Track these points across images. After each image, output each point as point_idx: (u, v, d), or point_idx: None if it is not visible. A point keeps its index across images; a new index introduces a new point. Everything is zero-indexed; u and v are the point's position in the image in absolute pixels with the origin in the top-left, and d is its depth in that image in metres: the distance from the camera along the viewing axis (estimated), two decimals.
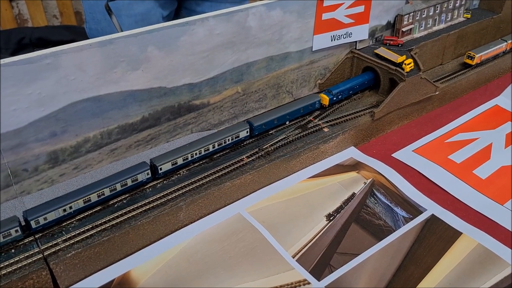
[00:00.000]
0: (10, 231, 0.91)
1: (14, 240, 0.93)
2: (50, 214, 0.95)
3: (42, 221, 0.94)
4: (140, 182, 1.05)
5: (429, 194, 1.18)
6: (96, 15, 1.98)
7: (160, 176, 1.09)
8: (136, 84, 1.06)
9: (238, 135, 1.20)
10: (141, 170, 1.05)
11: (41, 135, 0.97)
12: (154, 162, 1.07)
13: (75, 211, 0.99)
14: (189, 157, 1.12)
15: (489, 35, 1.77)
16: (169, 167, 1.09)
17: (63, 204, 0.96)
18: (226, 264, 0.99)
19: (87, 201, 0.99)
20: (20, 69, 0.89)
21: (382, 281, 0.96)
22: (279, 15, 1.23)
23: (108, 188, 1.01)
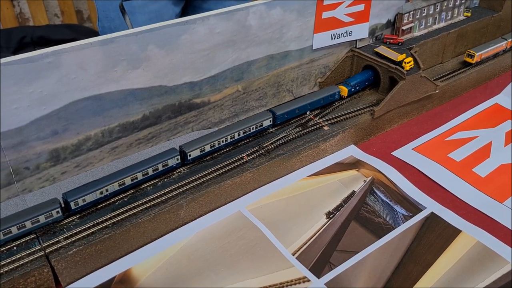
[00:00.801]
0: (51, 212, 0.96)
1: (55, 221, 0.97)
2: (88, 196, 0.99)
3: (81, 202, 0.99)
4: (170, 167, 1.10)
5: (429, 192, 1.19)
6: (110, 13, 1.99)
7: (188, 162, 1.13)
8: (136, 83, 1.06)
9: (262, 123, 1.24)
10: (172, 156, 1.10)
11: (42, 134, 0.98)
12: (183, 148, 1.12)
13: (110, 193, 1.03)
14: (216, 144, 1.16)
15: (489, 34, 1.77)
16: (197, 154, 1.13)
17: (100, 187, 1.01)
18: (226, 262, 0.99)
19: (122, 184, 1.04)
20: (22, 67, 0.89)
21: (382, 278, 0.97)
22: (279, 14, 1.23)
23: (141, 173, 1.06)
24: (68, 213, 1.00)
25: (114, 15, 1.96)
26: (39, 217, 0.95)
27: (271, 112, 1.27)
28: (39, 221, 0.95)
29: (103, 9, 2.02)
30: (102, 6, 2.02)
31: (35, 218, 0.94)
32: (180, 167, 1.13)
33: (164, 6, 1.93)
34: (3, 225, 0.92)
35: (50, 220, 0.96)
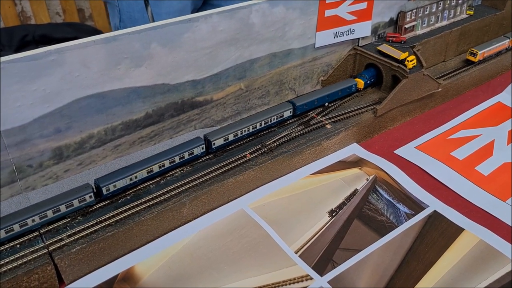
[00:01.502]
0: (85, 196, 0.99)
1: (87, 206, 1.00)
2: (119, 182, 1.03)
3: (112, 188, 1.02)
4: (196, 155, 1.14)
5: (431, 190, 1.19)
6: (134, 14, 2.00)
7: (212, 150, 1.16)
8: (139, 81, 1.06)
9: (283, 114, 1.27)
10: (197, 144, 1.13)
11: (45, 131, 0.98)
12: (208, 137, 1.15)
13: (139, 180, 1.06)
14: (239, 134, 1.20)
15: (492, 32, 1.77)
16: (221, 143, 1.17)
17: (130, 173, 1.04)
18: (229, 260, 0.99)
19: (150, 171, 1.07)
20: (25, 65, 0.89)
21: (384, 276, 0.97)
22: (282, 12, 1.23)
23: (168, 160, 1.09)
24: (100, 198, 1.03)
25: (139, 16, 1.97)
26: (73, 201, 0.98)
27: (291, 103, 1.30)
28: (73, 205, 0.98)
29: (128, 10, 2.02)
30: (126, 7, 2.03)
31: (69, 202, 0.97)
32: (205, 155, 1.16)
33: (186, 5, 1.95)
34: (38, 209, 0.94)
35: (83, 205, 0.99)
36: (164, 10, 1.93)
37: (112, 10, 2.14)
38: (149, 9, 1.79)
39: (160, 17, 1.88)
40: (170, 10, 1.93)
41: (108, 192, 1.02)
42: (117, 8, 2.07)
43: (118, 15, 2.08)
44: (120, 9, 2.07)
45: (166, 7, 1.93)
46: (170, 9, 1.93)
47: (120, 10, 2.07)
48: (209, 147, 1.16)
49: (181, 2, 1.94)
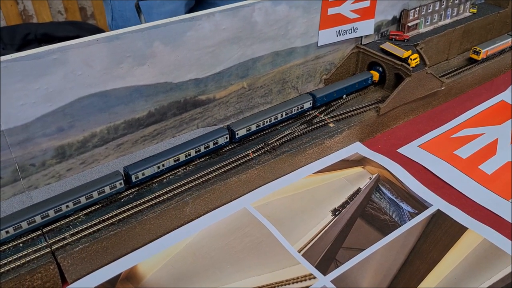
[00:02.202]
0: (115, 183, 1.02)
1: (117, 192, 1.03)
2: (147, 170, 1.06)
3: (140, 176, 1.05)
4: (220, 145, 1.17)
5: (435, 189, 1.18)
6: (126, 13, 2.00)
7: (236, 140, 1.20)
8: (142, 79, 1.06)
9: (303, 106, 1.31)
10: (221, 134, 1.16)
11: (48, 130, 0.98)
12: (231, 127, 1.19)
13: (166, 168, 1.09)
14: (261, 124, 1.23)
15: (495, 30, 1.76)
16: (244, 133, 1.21)
17: (157, 161, 1.07)
18: (232, 259, 0.99)
19: (177, 160, 1.10)
20: (28, 64, 0.89)
21: (388, 276, 0.97)
22: (284, 10, 1.23)
23: (193, 150, 1.12)
24: (129, 186, 1.05)
25: (130, 15, 1.97)
26: (104, 188, 1.01)
27: (311, 95, 1.33)
28: (104, 192, 1.01)
29: (119, 9, 2.02)
30: (118, 6, 2.03)
31: (101, 188, 1.00)
32: (228, 145, 1.20)
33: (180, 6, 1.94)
34: (72, 196, 0.98)
35: (114, 191, 1.02)
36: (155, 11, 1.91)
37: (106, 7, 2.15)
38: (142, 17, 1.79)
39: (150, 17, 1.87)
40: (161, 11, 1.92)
41: (137, 180, 1.05)
42: (110, 7, 2.07)
43: (111, 13, 2.09)
44: (112, 8, 2.07)
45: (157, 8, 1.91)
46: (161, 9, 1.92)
47: (112, 9, 2.07)
48: (233, 137, 1.19)
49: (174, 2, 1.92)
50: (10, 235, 0.92)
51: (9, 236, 0.92)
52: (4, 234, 0.91)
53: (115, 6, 2.04)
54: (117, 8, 2.03)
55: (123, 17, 2.03)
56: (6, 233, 0.91)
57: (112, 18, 2.08)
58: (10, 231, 0.91)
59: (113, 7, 2.06)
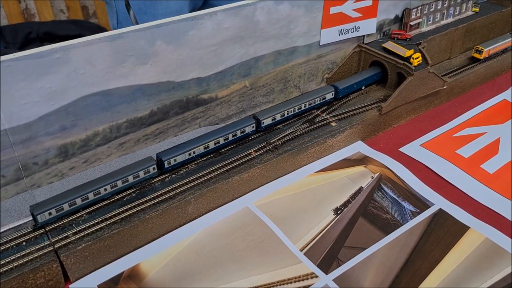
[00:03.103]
0: (149, 168, 1.06)
1: (151, 177, 1.08)
2: (179, 156, 1.10)
3: (172, 162, 1.09)
4: (247, 133, 1.22)
5: (437, 188, 1.19)
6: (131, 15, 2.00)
7: (261, 129, 1.24)
8: (144, 78, 1.06)
9: (325, 97, 1.35)
10: (248, 123, 1.21)
11: (51, 129, 0.98)
12: (258, 117, 1.23)
13: (197, 155, 1.14)
14: (285, 114, 1.27)
15: (498, 29, 1.76)
16: (270, 122, 1.25)
17: (189, 148, 1.12)
18: (234, 257, 0.99)
19: (206, 147, 1.15)
20: (30, 63, 0.89)
21: (390, 274, 0.97)
22: (287, 9, 1.23)
23: (222, 138, 1.17)
24: (161, 171, 1.09)
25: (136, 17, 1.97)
26: (139, 172, 1.05)
27: (333, 87, 1.36)
28: (139, 176, 1.05)
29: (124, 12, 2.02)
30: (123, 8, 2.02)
31: (136, 173, 1.04)
32: (255, 133, 1.24)
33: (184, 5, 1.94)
34: (109, 180, 1.02)
35: (147, 176, 1.07)
36: (160, 11, 1.92)
37: (110, 10, 2.14)
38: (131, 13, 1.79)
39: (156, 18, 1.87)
40: (167, 11, 1.93)
41: (169, 166, 1.09)
42: (115, 9, 2.07)
43: (116, 16, 2.08)
44: (117, 10, 2.07)
45: (162, 8, 1.92)
46: (167, 10, 1.93)
47: (117, 11, 2.07)
48: (258, 126, 1.24)
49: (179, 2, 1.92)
50: (53, 217, 0.96)
51: (52, 217, 0.96)
52: (47, 215, 0.95)
53: (120, 8, 2.04)
54: (122, 10, 2.03)
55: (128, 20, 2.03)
56: (49, 214, 0.95)
57: (118, 21, 2.08)
58: (52, 213, 0.96)
59: (118, 10, 2.06)
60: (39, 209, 0.94)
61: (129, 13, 1.84)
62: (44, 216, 0.95)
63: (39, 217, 0.94)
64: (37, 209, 0.94)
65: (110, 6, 2.10)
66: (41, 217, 0.94)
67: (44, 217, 0.95)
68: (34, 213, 0.94)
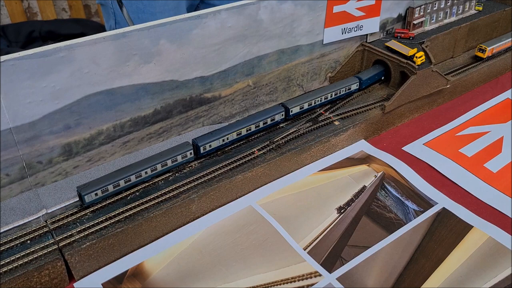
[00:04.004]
0: (186, 153, 1.11)
1: (187, 161, 1.12)
2: (214, 142, 1.15)
3: (208, 147, 1.14)
4: (276, 121, 1.27)
5: (440, 187, 1.19)
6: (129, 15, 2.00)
7: (290, 117, 1.29)
8: (148, 77, 1.06)
9: (350, 87, 1.40)
10: (277, 111, 1.26)
11: (55, 128, 0.98)
12: (286, 105, 1.28)
13: (230, 141, 1.19)
14: (313, 103, 1.32)
15: (501, 28, 1.76)
16: (297, 110, 1.30)
17: (223, 135, 1.16)
18: (238, 256, 1.00)
19: (239, 134, 1.20)
20: (35, 62, 0.90)
21: (393, 273, 0.97)
22: (290, 8, 1.23)
23: (254, 125, 1.22)
24: (197, 156, 1.14)
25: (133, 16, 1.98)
26: (177, 156, 1.09)
27: (357, 78, 1.41)
28: (177, 160, 1.10)
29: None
30: None
31: (175, 157, 1.09)
32: (283, 122, 1.29)
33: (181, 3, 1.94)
34: (149, 163, 1.07)
35: (184, 160, 1.11)
36: (158, 9, 1.92)
37: (106, 12, 2.14)
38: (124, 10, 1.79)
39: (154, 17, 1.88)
40: (165, 8, 1.93)
41: (205, 151, 1.14)
42: (112, 10, 2.07)
43: (113, 17, 2.08)
44: (114, 11, 2.07)
45: (160, 6, 1.92)
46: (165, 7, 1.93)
47: (114, 12, 2.07)
48: (287, 114, 1.28)
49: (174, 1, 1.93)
50: (98, 197, 1.01)
51: (98, 198, 1.01)
52: (94, 196, 1.00)
53: (117, 9, 2.04)
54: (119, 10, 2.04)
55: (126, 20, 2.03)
56: (95, 195, 1.00)
57: (116, 21, 2.08)
58: (98, 194, 1.00)
59: (115, 11, 2.06)
60: (86, 190, 0.99)
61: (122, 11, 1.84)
62: (91, 197, 1.00)
63: (86, 197, 0.99)
64: (84, 190, 0.99)
65: (106, 7, 2.10)
66: (88, 197, 0.99)
67: (90, 198, 1.00)
68: (82, 194, 0.99)
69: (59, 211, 1.00)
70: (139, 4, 1.91)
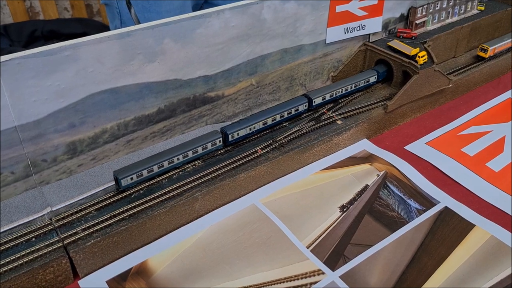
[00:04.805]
0: (216, 141, 1.15)
1: (216, 149, 1.17)
2: (241, 131, 1.20)
3: (236, 135, 1.19)
4: (300, 112, 1.31)
5: (442, 186, 1.19)
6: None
7: (312, 107, 1.34)
8: (152, 76, 1.07)
9: (369, 80, 1.43)
10: (301, 102, 1.30)
11: (60, 126, 0.99)
12: (310, 96, 1.32)
13: (256, 130, 1.23)
14: (334, 94, 1.37)
15: (503, 28, 1.76)
16: (320, 101, 1.34)
17: (250, 124, 1.21)
18: (241, 254, 1.00)
19: (265, 123, 1.24)
20: (40, 61, 0.90)
21: (396, 272, 0.97)
22: (293, 8, 1.23)
23: (279, 115, 1.26)
24: (225, 144, 1.18)
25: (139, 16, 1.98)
26: (207, 144, 1.14)
27: (375, 71, 1.45)
28: (207, 148, 1.14)
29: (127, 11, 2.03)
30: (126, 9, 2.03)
31: (205, 145, 1.14)
32: (307, 112, 1.33)
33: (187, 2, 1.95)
34: (181, 150, 1.11)
35: (213, 148, 1.16)
36: (164, 8, 1.93)
37: (111, 12, 2.14)
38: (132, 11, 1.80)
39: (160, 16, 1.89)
40: (171, 7, 1.94)
41: (233, 139, 1.18)
42: (117, 10, 2.07)
43: (119, 17, 2.09)
44: (120, 11, 2.07)
45: (166, 5, 1.93)
46: (171, 6, 1.94)
47: (120, 12, 2.08)
48: (310, 104, 1.32)
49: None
50: (134, 181, 1.05)
51: (133, 182, 1.05)
52: (129, 180, 1.04)
53: (123, 9, 2.05)
54: (125, 10, 2.04)
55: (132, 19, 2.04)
56: (131, 179, 1.04)
57: (121, 21, 2.08)
58: (133, 178, 1.05)
59: (121, 10, 2.06)
60: (123, 174, 1.03)
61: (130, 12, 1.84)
62: (127, 181, 1.04)
63: (123, 181, 1.03)
64: (121, 174, 1.03)
65: (111, 7, 2.10)
66: (124, 181, 1.03)
67: (126, 182, 1.04)
68: (119, 178, 1.03)
69: (63, 209, 1.01)
70: (144, 3, 1.91)
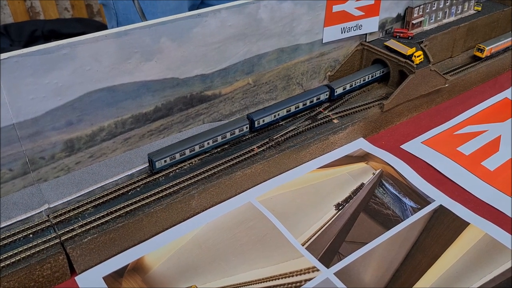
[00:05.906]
0: (243, 127, 1.21)
1: (243, 135, 1.23)
2: (267, 117, 1.25)
3: (261, 122, 1.24)
4: (321, 101, 1.36)
5: (438, 185, 1.20)
6: (131, 16, 2.01)
7: (334, 98, 1.39)
8: (149, 75, 1.08)
9: (384, 70, 1.48)
10: (323, 91, 1.35)
11: (57, 124, 1.00)
12: (331, 86, 1.37)
13: (281, 117, 1.29)
14: (353, 84, 1.42)
15: (500, 28, 1.77)
16: (341, 91, 1.39)
17: (274, 111, 1.26)
18: (237, 251, 1.01)
19: (289, 111, 1.30)
20: (38, 59, 0.91)
21: (390, 269, 0.98)
22: (290, 7, 1.24)
23: (301, 103, 1.32)
24: (251, 130, 1.24)
25: (135, 17, 1.99)
26: (235, 130, 1.19)
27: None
28: (235, 133, 1.20)
29: (124, 12, 2.03)
30: (122, 9, 2.04)
31: (232, 130, 1.19)
32: (327, 101, 1.39)
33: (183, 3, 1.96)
34: (211, 135, 1.16)
35: (241, 134, 1.21)
36: (159, 9, 1.94)
37: (108, 12, 2.14)
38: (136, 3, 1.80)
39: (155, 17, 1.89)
40: (166, 8, 1.94)
41: (259, 125, 1.24)
42: (114, 11, 2.07)
43: (115, 17, 2.09)
44: (116, 11, 2.07)
45: (161, 6, 1.94)
46: (166, 7, 1.94)
47: (116, 12, 2.08)
48: (331, 94, 1.37)
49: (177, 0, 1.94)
50: (167, 164, 1.10)
51: (166, 164, 1.10)
52: (163, 162, 1.09)
53: (119, 9, 2.05)
54: (121, 11, 2.04)
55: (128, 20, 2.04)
56: (164, 161, 1.10)
57: (117, 22, 2.09)
58: (167, 160, 1.10)
59: (117, 11, 2.06)
60: (157, 156, 1.09)
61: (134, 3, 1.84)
62: (161, 163, 1.09)
63: (157, 163, 1.08)
64: (156, 156, 1.09)
65: (108, 8, 2.10)
66: (158, 163, 1.08)
67: (160, 164, 1.09)
68: (153, 160, 1.08)
69: (61, 205, 1.01)
70: (141, 3, 1.92)
